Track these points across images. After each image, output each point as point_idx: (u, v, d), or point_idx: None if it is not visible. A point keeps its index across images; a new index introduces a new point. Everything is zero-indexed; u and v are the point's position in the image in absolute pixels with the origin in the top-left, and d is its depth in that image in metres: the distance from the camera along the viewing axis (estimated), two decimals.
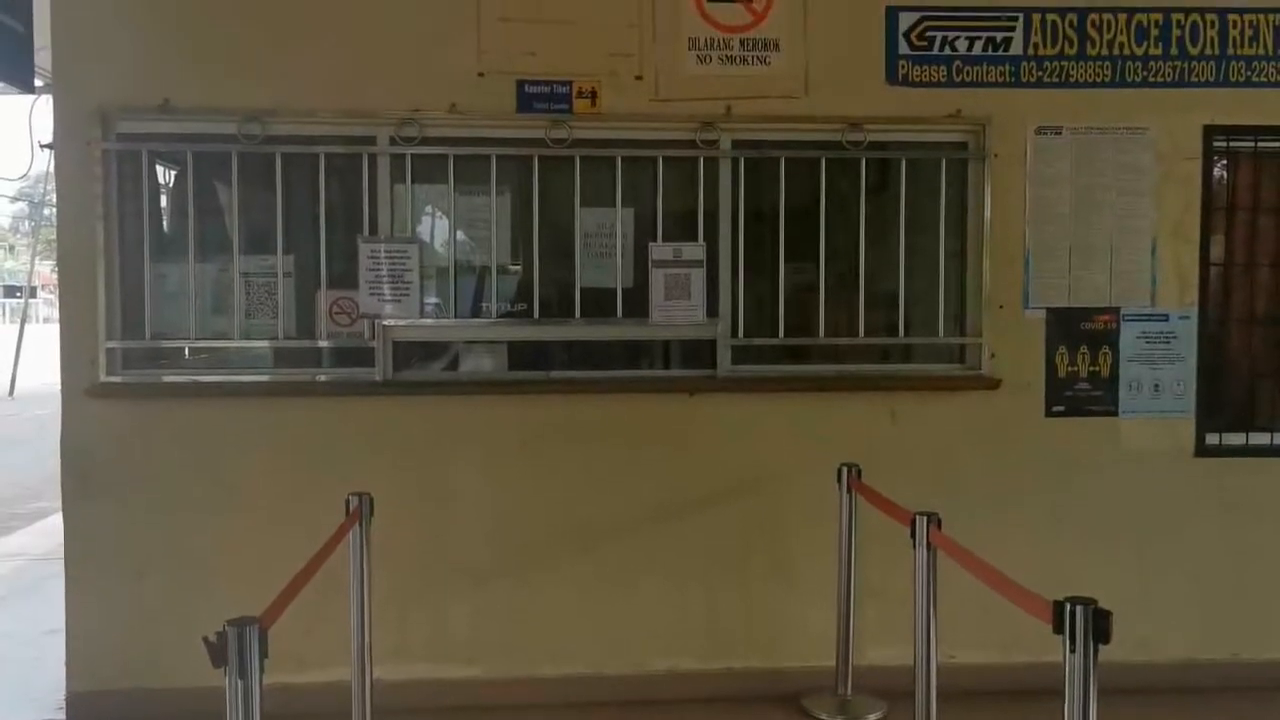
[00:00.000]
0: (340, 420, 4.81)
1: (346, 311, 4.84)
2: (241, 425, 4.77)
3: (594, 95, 4.84)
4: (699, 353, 5.00)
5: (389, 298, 4.81)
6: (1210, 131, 5.00)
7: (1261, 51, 5.01)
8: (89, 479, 4.71)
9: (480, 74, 4.80)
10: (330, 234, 4.84)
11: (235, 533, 4.68)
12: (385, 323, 4.80)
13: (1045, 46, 4.96)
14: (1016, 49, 4.95)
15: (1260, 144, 5.06)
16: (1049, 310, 5.01)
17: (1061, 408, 5.04)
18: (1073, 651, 2.48)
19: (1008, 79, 4.96)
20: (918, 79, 4.94)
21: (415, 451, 4.84)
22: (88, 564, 4.73)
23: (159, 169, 4.89)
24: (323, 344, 4.87)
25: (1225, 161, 5.11)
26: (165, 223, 4.95)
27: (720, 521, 4.93)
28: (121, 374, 4.76)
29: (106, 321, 4.69)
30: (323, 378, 4.87)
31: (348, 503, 3.95)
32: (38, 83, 5.56)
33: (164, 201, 4.96)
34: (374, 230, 4.83)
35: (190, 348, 4.91)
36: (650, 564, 4.93)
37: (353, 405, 4.83)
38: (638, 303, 4.92)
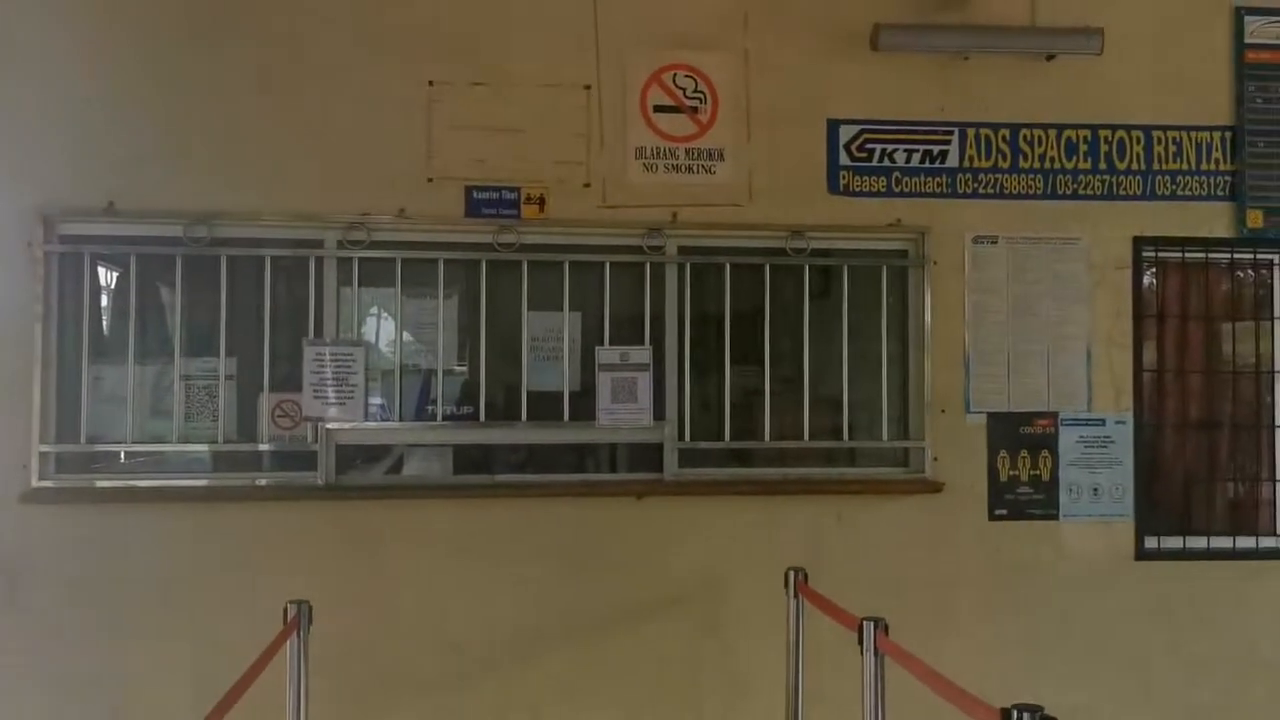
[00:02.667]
0: (280, 525, 4.72)
1: (289, 414, 4.78)
2: (178, 531, 4.66)
3: (542, 201, 4.90)
4: (646, 456, 4.99)
5: (333, 400, 4.77)
6: (1139, 242, 5.18)
7: (1186, 166, 5.22)
8: (17, 588, 4.55)
9: (429, 179, 4.85)
10: (275, 336, 4.81)
11: (169, 644, 4.54)
12: (329, 425, 4.75)
13: (980, 159, 5.13)
14: (953, 161, 5.12)
15: (1187, 254, 5.24)
16: (989, 415, 5.10)
17: (1004, 511, 5.09)
18: None
19: (945, 190, 5.11)
20: (858, 189, 5.07)
21: (357, 557, 4.75)
22: (9, 677, 4.54)
23: (101, 270, 4.84)
24: (264, 447, 4.79)
25: (1154, 270, 5.28)
26: (105, 324, 4.88)
27: (667, 626, 4.87)
28: (55, 478, 4.64)
29: (41, 424, 4.59)
30: (263, 481, 4.78)
31: (286, 610, 3.84)
32: None
33: (105, 303, 4.89)
34: (319, 332, 4.80)
35: (126, 451, 4.80)
36: (597, 672, 4.85)
37: (293, 509, 4.75)
38: (584, 406, 4.92)
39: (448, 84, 4.87)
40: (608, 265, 4.95)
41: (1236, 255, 5.29)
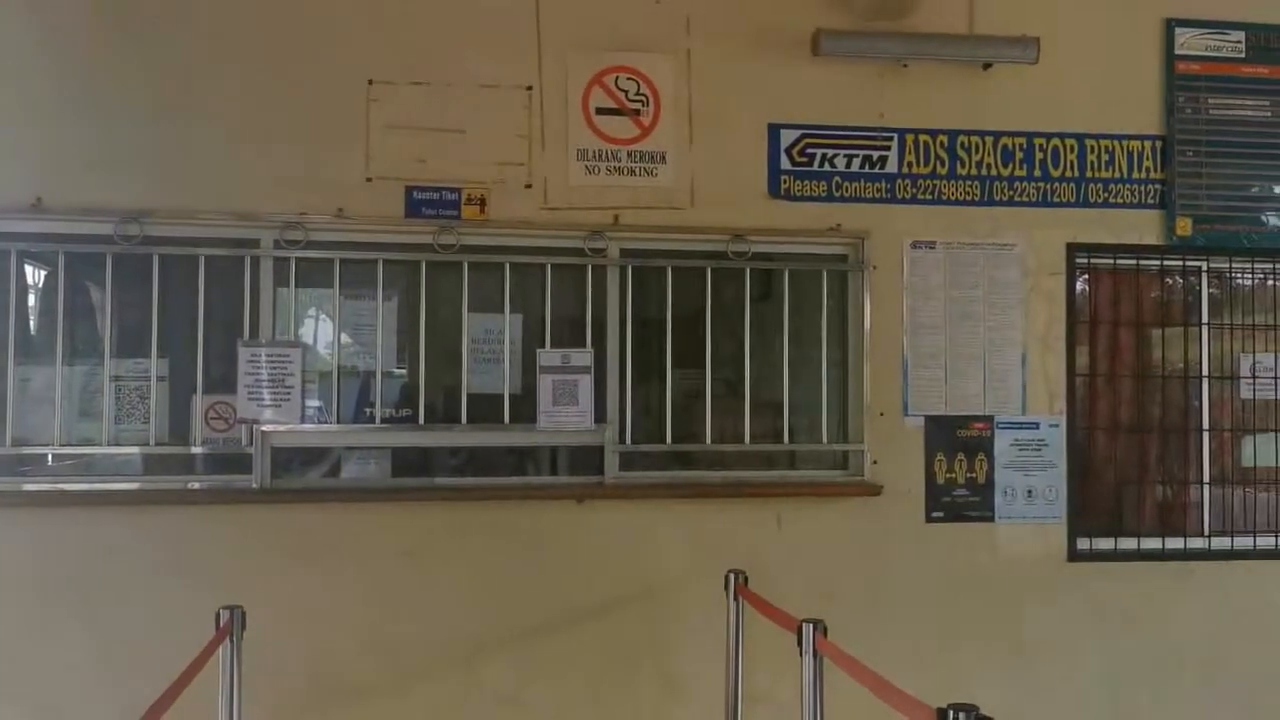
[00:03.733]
0: (213, 529, 4.65)
1: (223, 416, 4.70)
2: (108, 535, 4.56)
3: (483, 202, 4.87)
4: (587, 459, 4.98)
5: (269, 402, 4.69)
6: (1073, 249, 5.28)
7: (1118, 175, 5.32)
8: None
9: (368, 179, 4.80)
10: (209, 337, 4.73)
11: (98, 651, 4.44)
12: (264, 428, 4.68)
13: (919, 165, 5.19)
14: (892, 167, 5.17)
15: (1118, 261, 5.34)
16: (927, 418, 5.16)
17: (941, 514, 5.15)
18: None
19: (884, 195, 5.16)
20: (799, 193, 5.10)
21: (292, 562, 4.68)
22: None
23: (28, 268, 4.72)
24: (197, 450, 4.71)
25: (1087, 276, 5.37)
26: (32, 324, 4.76)
27: (608, 631, 4.87)
28: None
29: None
30: (196, 485, 4.70)
31: (218, 616, 3.77)
32: None
33: (32, 302, 4.78)
34: (255, 333, 4.73)
35: (55, 454, 4.68)
36: (536, 677, 4.83)
37: (227, 514, 4.67)
38: (525, 409, 4.90)
39: (387, 83, 4.82)
40: (549, 267, 4.93)
41: (1166, 262, 5.40)
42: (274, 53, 4.76)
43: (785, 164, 5.10)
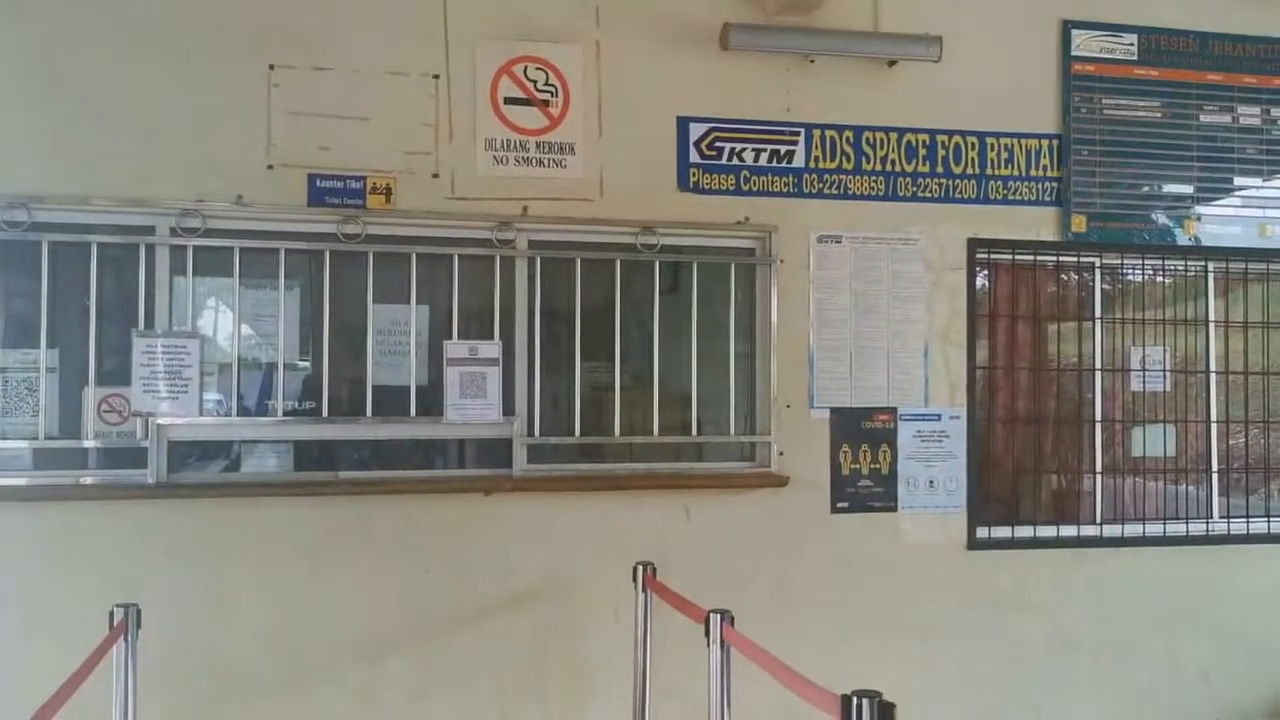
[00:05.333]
0: (107, 525, 4.51)
1: (117, 409, 4.56)
2: None
3: (388, 191, 4.80)
4: (495, 452, 4.94)
5: (165, 395, 4.56)
6: (974, 244, 5.39)
7: (1016, 172, 5.45)
8: None
9: (269, 166, 4.69)
10: (102, 327, 4.57)
11: None
12: (160, 421, 4.54)
13: (825, 160, 5.25)
14: (799, 162, 5.22)
15: (1017, 256, 5.48)
16: (833, 409, 5.23)
17: (846, 504, 5.23)
18: None
19: (791, 189, 5.21)
20: (708, 186, 5.12)
21: (190, 558, 4.57)
22: None
23: None
24: (89, 444, 4.55)
25: (987, 272, 5.50)
26: None
27: (515, 626, 4.85)
28: None
29: None
30: (89, 480, 4.55)
31: (112, 614, 3.66)
32: None
33: None
34: (150, 324, 4.59)
35: None
36: (442, 674, 4.79)
37: (122, 509, 4.53)
38: (432, 401, 4.84)
39: (289, 68, 4.71)
40: (456, 258, 4.87)
41: (1062, 258, 5.55)
42: (171, 34, 4.61)
43: (694, 157, 5.11)
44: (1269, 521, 5.73)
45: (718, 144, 5.13)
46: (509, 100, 4.93)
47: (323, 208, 4.74)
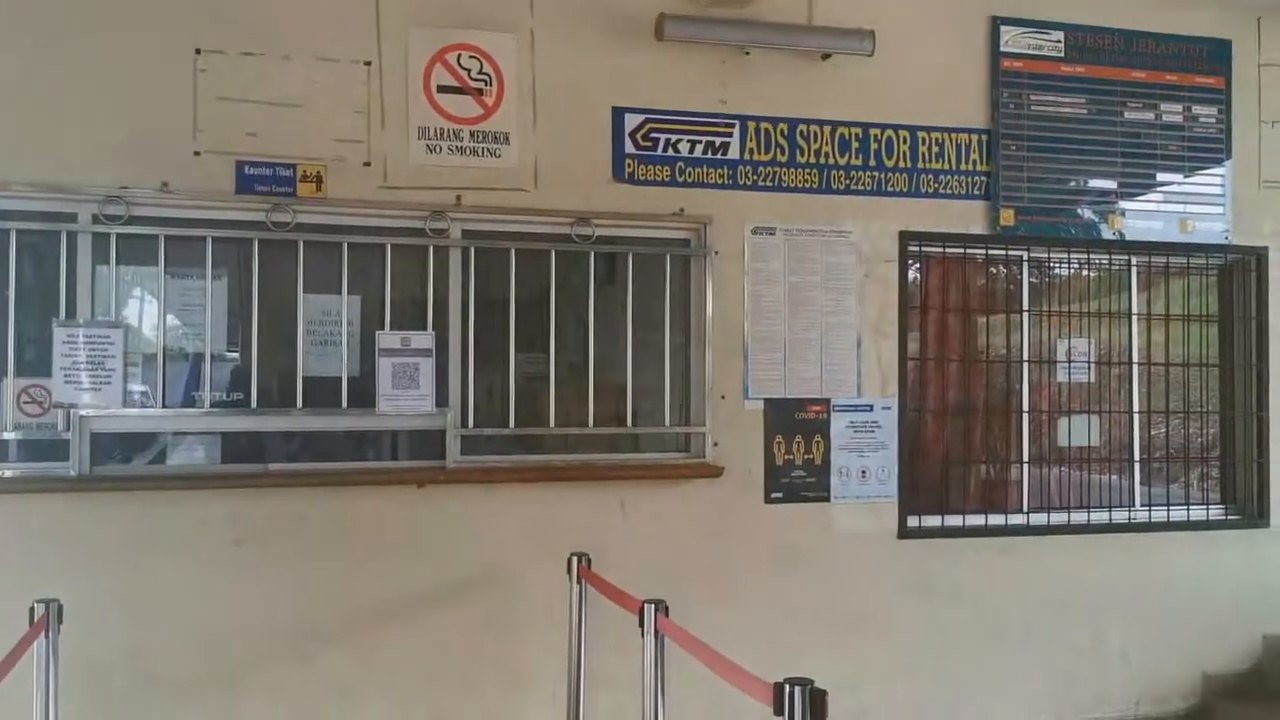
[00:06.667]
0: (28, 520, 4.40)
1: (37, 401, 4.44)
2: None
3: (319, 179, 4.73)
4: (428, 443, 4.89)
5: (87, 386, 4.45)
6: (905, 237, 5.46)
7: (947, 166, 5.53)
8: None
9: (196, 152, 4.60)
10: (21, 317, 4.45)
11: None
12: (82, 413, 4.44)
13: (760, 152, 5.28)
14: (734, 153, 5.24)
15: (947, 249, 5.56)
16: (767, 400, 5.26)
17: (780, 494, 5.27)
18: None
19: (726, 181, 5.23)
20: (643, 177, 5.12)
21: (113, 553, 4.47)
22: None
23: None
24: (9, 436, 4.44)
25: (918, 264, 5.57)
26: None
27: (448, 620, 4.82)
28: None
29: None
30: (8, 473, 4.43)
31: (33, 610, 3.57)
32: None
33: None
34: (72, 313, 4.47)
35: None
36: (373, 670, 4.74)
37: (42, 503, 4.42)
38: (364, 392, 4.78)
39: (216, 52, 4.62)
40: (389, 247, 4.82)
41: (991, 251, 5.65)
42: (93, 15, 4.49)
43: (629, 148, 5.11)
44: (1188, 509, 5.89)
45: (653, 135, 5.13)
46: (442, 89, 4.89)
47: (251, 195, 4.65)
